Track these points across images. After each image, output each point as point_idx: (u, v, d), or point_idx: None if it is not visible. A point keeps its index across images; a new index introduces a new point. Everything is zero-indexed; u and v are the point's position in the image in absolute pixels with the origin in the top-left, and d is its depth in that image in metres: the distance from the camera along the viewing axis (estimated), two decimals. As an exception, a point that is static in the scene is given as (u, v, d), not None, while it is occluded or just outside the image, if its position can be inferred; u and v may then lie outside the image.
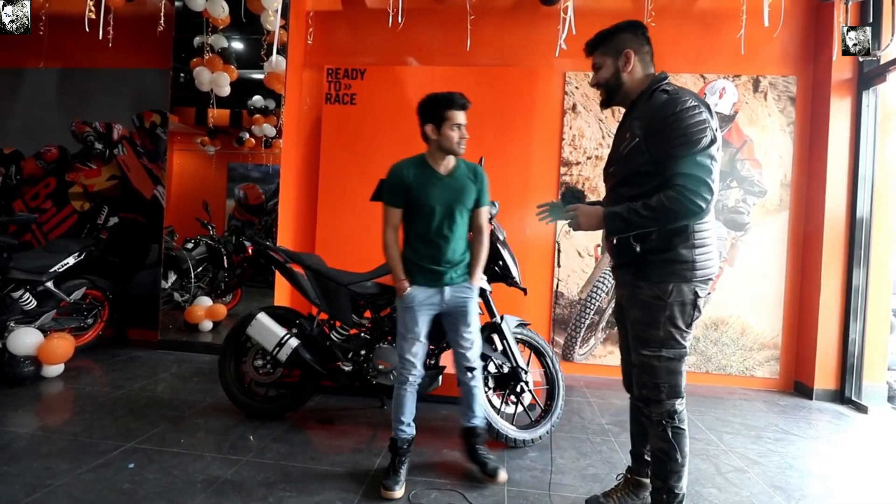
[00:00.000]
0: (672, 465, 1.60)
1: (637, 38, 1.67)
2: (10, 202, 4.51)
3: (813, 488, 2.24)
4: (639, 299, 1.60)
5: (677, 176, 1.46)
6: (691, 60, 3.86)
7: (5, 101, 4.52)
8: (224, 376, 2.73)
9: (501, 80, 3.80)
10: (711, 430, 2.88)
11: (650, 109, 1.54)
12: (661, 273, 1.55)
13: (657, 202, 1.47)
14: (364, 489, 2.03)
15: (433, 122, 2.02)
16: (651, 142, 1.52)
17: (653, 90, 1.59)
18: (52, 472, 2.04)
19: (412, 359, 2.12)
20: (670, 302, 1.55)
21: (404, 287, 2.07)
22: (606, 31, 1.70)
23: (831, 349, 3.53)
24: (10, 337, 3.14)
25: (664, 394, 1.58)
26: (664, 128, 1.48)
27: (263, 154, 4.12)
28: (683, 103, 1.48)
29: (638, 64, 1.66)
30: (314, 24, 4.14)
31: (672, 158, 1.47)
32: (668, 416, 1.59)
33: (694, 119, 1.46)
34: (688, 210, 1.44)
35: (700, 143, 1.45)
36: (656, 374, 1.58)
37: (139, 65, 4.32)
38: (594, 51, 1.73)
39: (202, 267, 4.27)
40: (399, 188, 2.05)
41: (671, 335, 1.56)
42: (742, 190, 3.80)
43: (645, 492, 1.86)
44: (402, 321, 2.11)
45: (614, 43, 1.67)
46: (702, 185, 1.44)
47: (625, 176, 1.62)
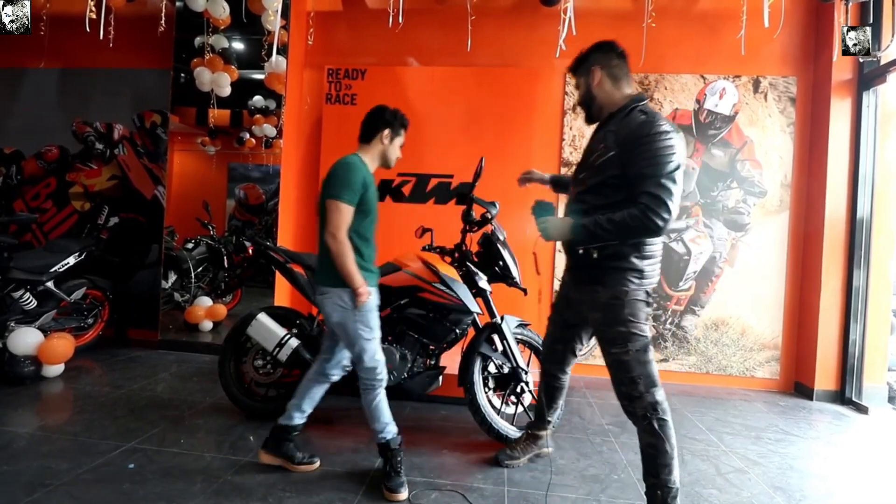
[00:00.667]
0: (662, 458, 1.67)
1: (606, 55, 1.79)
2: (10, 202, 4.51)
3: (813, 489, 2.23)
4: (598, 303, 1.73)
5: (643, 195, 1.57)
6: (692, 61, 3.86)
7: (6, 100, 4.52)
8: (224, 376, 2.74)
9: (502, 81, 3.81)
10: (712, 430, 2.88)
11: (627, 127, 1.66)
12: (616, 278, 1.69)
13: (621, 219, 1.59)
14: (364, 489, 2.03)
15: (392, 130, 2.08)
16: (624, 157, 1.63)
17: (630, 108, 1.70)
18: (52, 472, 2.04)
19: (383, 359, 2.07)
20: (627, 301, 1.69)
21: (368, 292, 1.96)
22: (582, 52, 1.86)
23: (832, 350, 3.53)
24: (11, 337, 3.14)
25: (642, 385, 1.69)
26: (638, 146, 1.60)
27: (264, 154, 4.12)
28: (658, 127, 1.59)
29: (606, 78, 1.78)
30: (315, 24, 4.14)
31: (641, 177, 1.58)
32: (651, 408, 1.69)
33: (665, 143, 1.57)
34: (647, 229, 1.57)
35: (667, 167, 1.56)
36: (629, 369, 1.70)
37: (140, 65, 4.32)
38: (574, 74, 1.89)
39: (202, 267, 4.27)
40: (360, 187, 1.95)
41: (631, 330, 1.69)
42: (742, 190, 3.80)
43: (543, 441, 2.27)
44: (366, 324, 2.00)
45: (586, 63, 1.83)
46: (662, 206, 1.55)
47: (594, 185, 1.73)
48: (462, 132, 3.72)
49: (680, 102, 3.87)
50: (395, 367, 2.52)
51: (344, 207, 1.92)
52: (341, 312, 1.99)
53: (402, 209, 3.78)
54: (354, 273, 1.93)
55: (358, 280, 1.94)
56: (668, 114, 3.87)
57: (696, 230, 3.83)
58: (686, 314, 3.85)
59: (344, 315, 1.99)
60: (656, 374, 1.71)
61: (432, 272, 2.49)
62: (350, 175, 1.94)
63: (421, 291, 2.50)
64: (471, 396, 2.47)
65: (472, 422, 2.55)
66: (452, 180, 3.67)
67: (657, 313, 3.86)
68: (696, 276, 3.83)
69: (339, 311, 1.99)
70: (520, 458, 2.29)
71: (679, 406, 3.28)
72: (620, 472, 2.29)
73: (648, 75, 3.88)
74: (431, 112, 3.84)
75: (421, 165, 3.78)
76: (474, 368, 2.50)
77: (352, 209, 1.93)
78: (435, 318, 2.54)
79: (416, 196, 3.82)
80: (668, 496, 1.68)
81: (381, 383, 2.07)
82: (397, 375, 2.54)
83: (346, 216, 1.92)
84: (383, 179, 3.80)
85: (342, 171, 1.96)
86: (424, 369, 2.61)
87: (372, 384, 2.07)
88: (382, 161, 2.11)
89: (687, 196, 3.84)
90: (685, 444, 2.66)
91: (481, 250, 2.58)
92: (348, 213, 1.93)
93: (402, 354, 2.54)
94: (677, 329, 3.85)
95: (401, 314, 2.57)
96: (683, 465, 2.40)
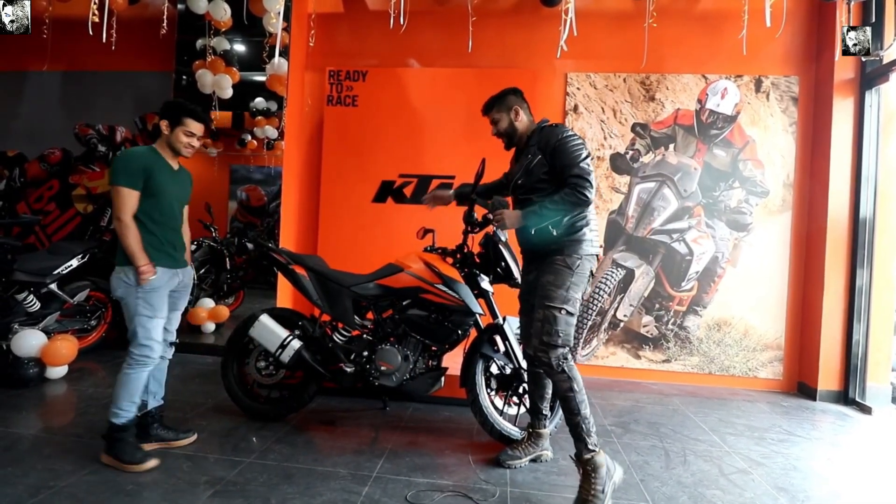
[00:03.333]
0: (578, 395, 2.00)
1: (518, 97, 2.31)
2: (13, 204, 4.53)
3: (817, 490, 2.23)
4: (553, 267, 2.08)
5: (570, 178, 2.03)
6: (693, 61, 3.86)
7: (9, 103, 4.55)
8: (227, 378, 2.74)
9: (503, 82, 3.71)
10: (714, 431, 2.87)
11: (543, 137, 2.15)
12: (572, 249, 2.08)
13: (559, 197, 2.03)
14: (366, 490, 2.03)
15: (170, 121, 2.21)
16: (550, 157, 2.11)
17: (541, 127, 2.22)
18: (56, 474, 2.04)
19: (159, 338, 2.18)
20: (575, 271, 2.06)
21: (151, 270, 2.11)
22: (496, 96, 2.33)
23: (835, 350, 3.52)
24: (14, 339, 3.15)
25: (560, 339, 2.02)
26: (556, 147, 2.08)
27: (265, 156, 4.14)
28: (565, 131, 2.12)
29: (522, 113, 2.30)
30: (316, 26, 4.15)
31: (565, 167, 2.06)
32: (562, 357, 2.02)
33: (575, 141, 2.09)
34: (580, 201, 2.02)
35: (581, 155, 2.06)
36: (556, 323, 2.02)
37: (142, 67, 4.34)
38: (490, 110, 2.33)
39: (205, 269, 4.28)
40: (140, 172, 2.13)
41: (571, 297, 2.05)
42: (744, 190, 3.79)
43: (544, 440, 2.38)
44: (147, 302, 2.13)
45: (505, 102, 2.29)
46: (586, 183, 2.02)
47: (530, 186, 2.17)
48: (463, 133, 3.72)
49: (682, 102, 3.86)
50: (397, 368, 2.53)
51: (123, 192, 2.10)
52: (124, 288, 2.13)
53: (404, 210, 3.78)
54: (137, 252, 2.09)
55: (140, 259, 2.09)
56: (670, 114, 3.87)
57: (699, 230, 3.82)
58: (688, 314, 3.84)
59: (127, 291, 2.13)
60: (572, 338, 2.07)
61: (434, 273, 2.49)
62: (126, 163, 2.14)
63: (423, 292, 2.51)
64: (473, 397, 2.48)
65: (474, 423, 2.55)
66: (454, 181, 3.66)
67: (659, 314, 3.86)
68: (699, 276, 3.83)
69: (122, 286, 2.13)
70: (521, 457, 2.32)
71: (682, 406, 3.28)
72: (623, 473, 2.28)
73: (650, 75, 3.87)
74: (433, 113, 3.84)
75: (422, 167, 3.78)
76: (476, 369, 2.50)
77: (133, 192, 2.11)
78: (437, 319, 2.54)
79: (417, 197, 3.82)
80: (590, 427, 1.99)
81: (148, 362, 2.16)
82: (399, 376, 2.55)
83: (126, 200, 2.10)
84: (384, 181, 3.80)
85: (119, 159, 2.18)
86: (426, 370, 2.61)
87: (139, 361, 2.15)
88: (173, 149, 2.25)
89: (689, 196, 3.83)
90: (688, 444, 2.66)
91: (483, 251, 2.58)
92: (128, 196, 2.11)
93: (405, 355, 2.55)
94: (680, 329, 3.84)
95: (403, 315, 2.57)
96: (686, 465, 2.40)
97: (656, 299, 3.86)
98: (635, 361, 3.88)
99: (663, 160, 3.86)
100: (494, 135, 2.36)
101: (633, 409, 3.21)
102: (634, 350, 3.89)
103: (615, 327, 3.90)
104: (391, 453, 2.39)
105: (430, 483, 2.12)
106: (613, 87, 3.91)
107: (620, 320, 3.89)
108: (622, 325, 3.89)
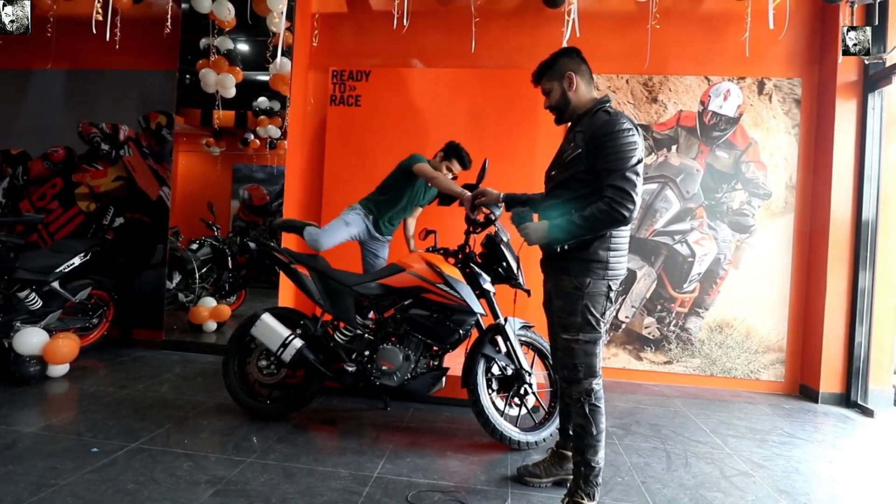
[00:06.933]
0: (588, 439, 1.81)
1: (573, 61, 1.90)
2: (16, 202, 4.54)
3: (819, 493, 2.22)
4: (562, 291, 1.84)
5: (608, 188, 1.68)
6: (696, 62, 3.86)
7: (13, 101, 4.56)
8: (228, 377, 2.74)
9: (506, 82, 3.81)
10: (716, 433, 2.86)
11: (592, 125, 1.77)
12: (580, 269, 1.79)
13: (590, 213, 1.69)
14: (367, 490, 2.03)
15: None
16: (590, 154, 1.75)
17: (596, 109, 1.83)
18: (57, 472, 2.04)
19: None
20: (587, 293, 1.78)
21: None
22: (547, 60, 1.95)
23: (837, 352, 3.52)
24: (16, 337, 3.15)
25: (581, 373, 1.82)
26: (602, 144, 1.71)
27: (268, 155, 4.14)
28: (620, 125, 1.71)
29: (581, 82, 1.89)
30: (319, 25, 4.16)
31: (605, 171, 1.70)
32: (585, 394, 1.82)
33: (627, 140, 1.69)
34: (614, 219, 1.68)
35: (630, 160, 1.68)
36: (575, 356, 1.82)
37: (145, 66, 4.34)
38: (540, 79, 1.98)
39: (207, 268, 4.28)
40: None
41: (587, 321, 1.79)
42: (747, 192, 3.79)
43: (568, 463, 2.11)
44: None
45: (557, 68, 1.91)
46: (627, 198, 1.65)
47: (563, 180, 1.86)
48: (466, 134, 3.71)
49: (684, 104, 3.86)
50: (398, 367, 2.53)
51: None
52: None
53: (406, 210, 3.77)
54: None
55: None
56: (673, 115, 3.87)
57: (701, 232, 3.82)
58: (690, 316, 3.83)
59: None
60: (598, 365, 1.84)
61: (436, 273, 2.49)
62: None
63: (425, 292, 2.50)
64: (474, 398, 2.47)
65: (475, 423, 2.55)
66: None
67: (661, 315, 3.85)
68: (701, 277, 3.82)
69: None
70: (543, 477, 2.15)
71: (683, 408, 3.27)
72: (624, 475, 2.28)
73: (653, 77, 3.87)
74: (435, 113, 3.84)
75: (425, 167, 3.78)
76: (478, 370, 2.50)
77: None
78: (438, 319, 2.53)
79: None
80: (590, 474, 1.82)
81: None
82: (401, 376, 2.54)
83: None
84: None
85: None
86: (428, 370, 2.61)
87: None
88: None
89: (691, 198, 3.83)
90: (689, 446, 2.65)
91: (485, 252, 2.57)
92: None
93: (406, 355, 2.54)
94: (681, 331, 3.84)
95: (404, 315, 2.57)
96: (688, 467, 2.40)
97: (658, 301, 3.86)
98: (637, 363, 3.88)
99: (666, 161, 3.86)
100: (545, 107, 2.03)
101: (635, 410, 3.21)
102: (636, 351, 3.89)
103: (617, 329, 3.89)
104: (392, 453, 2.39)
105: (431, 484, 2.12)
106: (616, 88, 3.92)
107: (622, 322, 3.89)
108: (624, 327, 3.89)
